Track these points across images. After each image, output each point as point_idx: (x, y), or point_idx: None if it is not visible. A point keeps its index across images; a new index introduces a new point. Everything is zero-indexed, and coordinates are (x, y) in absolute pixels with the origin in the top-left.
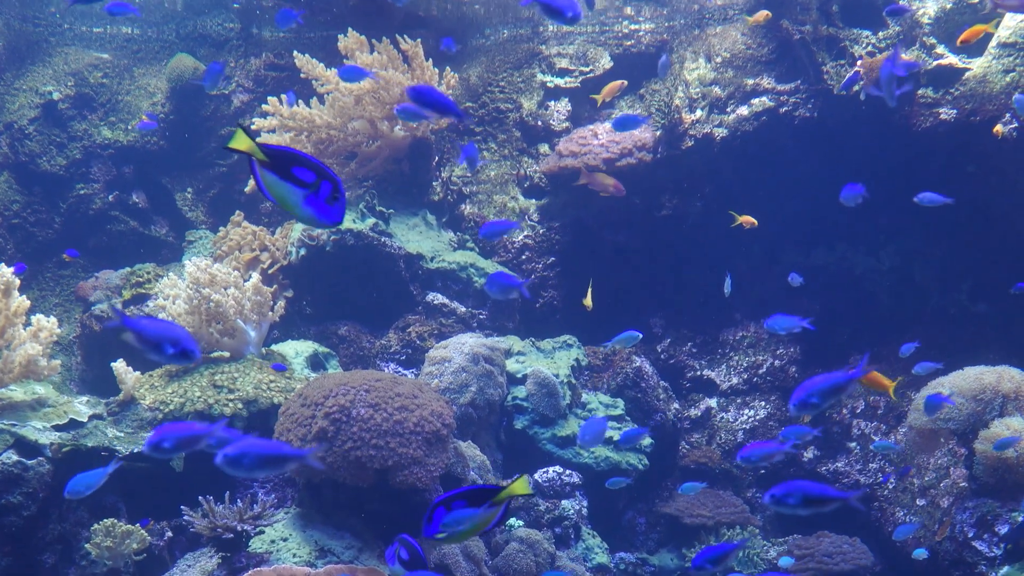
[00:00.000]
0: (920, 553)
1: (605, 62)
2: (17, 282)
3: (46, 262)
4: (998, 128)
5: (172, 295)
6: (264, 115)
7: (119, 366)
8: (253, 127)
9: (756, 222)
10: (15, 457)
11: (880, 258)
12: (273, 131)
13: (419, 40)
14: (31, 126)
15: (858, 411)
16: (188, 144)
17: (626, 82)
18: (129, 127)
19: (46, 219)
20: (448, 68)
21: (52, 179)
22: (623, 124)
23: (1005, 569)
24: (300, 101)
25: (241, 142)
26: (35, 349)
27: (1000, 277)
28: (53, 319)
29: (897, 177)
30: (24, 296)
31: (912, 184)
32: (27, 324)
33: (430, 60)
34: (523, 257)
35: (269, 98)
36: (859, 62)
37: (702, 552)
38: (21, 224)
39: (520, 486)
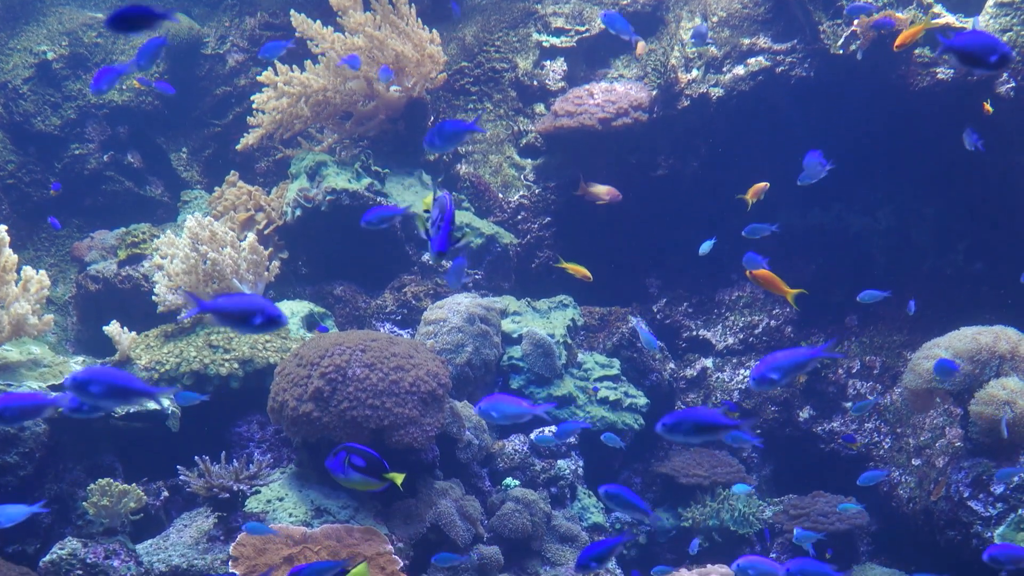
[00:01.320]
0: (849, 507)
1: (601, 22)
2: (7, 239)
3: (41, 222)
4: (987, 106)
5: (170, 254)
6: (262, 87)
7: (112, 329)
8: (254, 106)
9: (767, 184)
10: None
11: (876, 218)
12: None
13: None
14: (25, 86)
15: (854, 371)
16: (183, 104)
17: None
18: (124, 87)
19: (41, 179)
20: (427, 28)
21: (47, 139)
22: (612, 21)
23: (1001, 528)
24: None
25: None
26: (24, 308)
27: (997, 237)
28: (43, 272)
29: (894, 137)
30: (10, 251)
31: (910, 144)
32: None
33: (419, 20)
34: (519, 217)
35: (264, 72)
36: (855, 21)
37: (586, 549)
38: (16, 184)
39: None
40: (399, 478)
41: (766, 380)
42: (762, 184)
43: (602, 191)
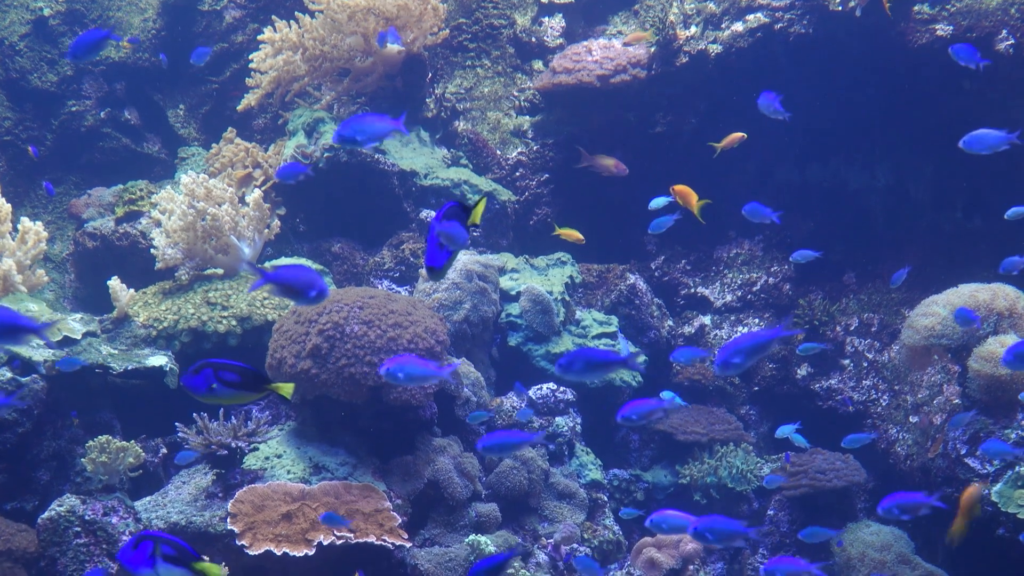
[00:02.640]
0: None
1: None
2: None
3: (38, 179)
4: None
5: (169, 209)
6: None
7: (115, 283)
8: (252, 65)
9: (744, 135)
10: (9, 374)
11: (875, 175)
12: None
13: None
14: (22, 42)
15: (852, 328)
16: (180, 61)
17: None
18: (120, 44)
19: (38, 136)
20: None
21: (43, 96)
22: None
23: (998, 486)
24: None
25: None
26: (7, 264)
27: (995, 193)
28: (39, 223)
29: (893, 94)
30: (2, 200)
31: (908, 101)
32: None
33: None
34: (517, 174)
35: (265, 30)
36: None
37: (475, 567)
38: (13, 141)
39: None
40: (286, 388)
41: (731, 365)
42: (738, 134)
43: (609, 163)
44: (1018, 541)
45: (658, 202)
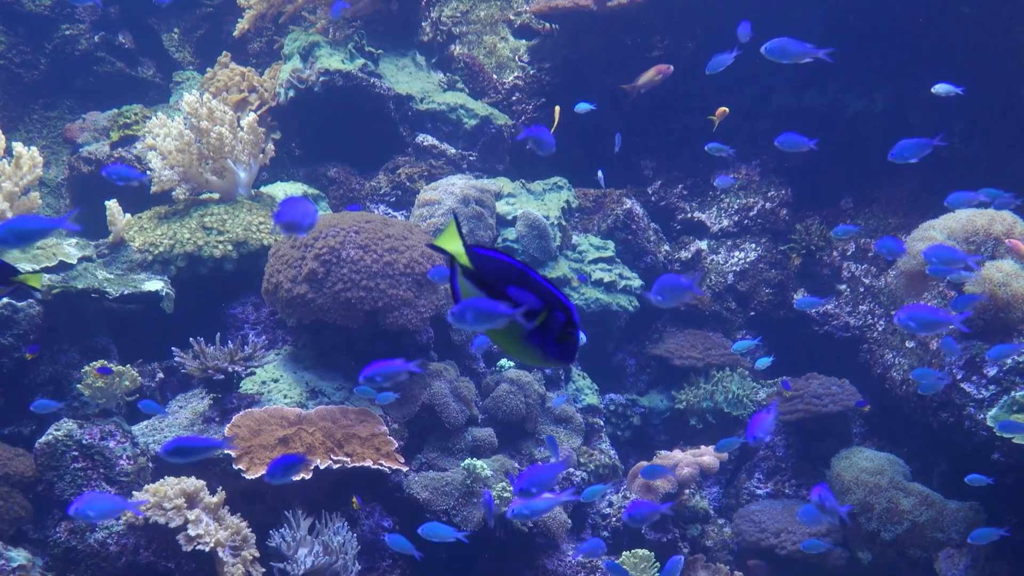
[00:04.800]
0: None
1: None
2: None
3: (32, 104)
4: None
5: (163, 133)
6: None
7: (113, 205)
8: None
9: (728, 109)
10: (5, 299)
11: (874, 99)
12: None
13: None
14: None
15: (848, 254)
16: None
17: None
18: None
19: (31, 60)
20: None
21: (37, 19)
22: None
23: (994, 411)
24: None
25: (449, 240)
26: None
27: (993, 119)
28: (34, 149)
29: (892, 19)
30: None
31: (908, 25)
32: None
33: None
34: (513, 98)
35: None
36: None
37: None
38: (6, 65)
39: None
40: (35, 279)
41: (657, 300)
42: (722, 109)
43: (650, 74)
44: (1013, 466)
45: (582, 106)
